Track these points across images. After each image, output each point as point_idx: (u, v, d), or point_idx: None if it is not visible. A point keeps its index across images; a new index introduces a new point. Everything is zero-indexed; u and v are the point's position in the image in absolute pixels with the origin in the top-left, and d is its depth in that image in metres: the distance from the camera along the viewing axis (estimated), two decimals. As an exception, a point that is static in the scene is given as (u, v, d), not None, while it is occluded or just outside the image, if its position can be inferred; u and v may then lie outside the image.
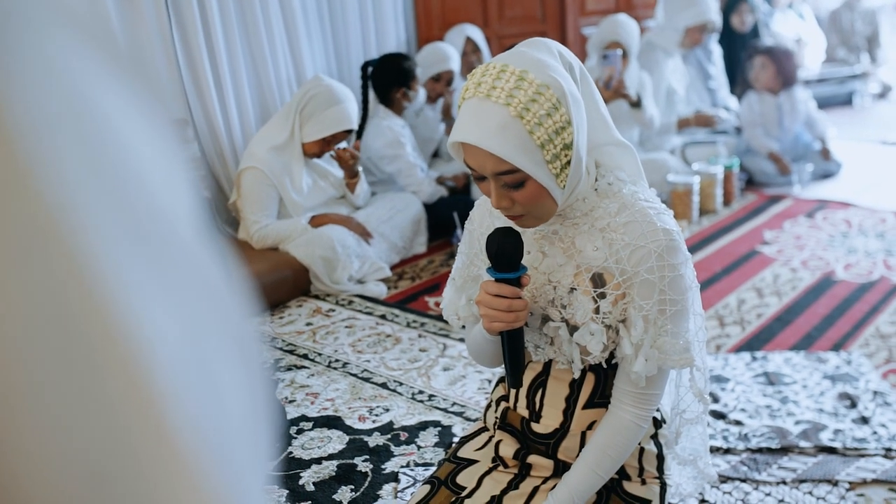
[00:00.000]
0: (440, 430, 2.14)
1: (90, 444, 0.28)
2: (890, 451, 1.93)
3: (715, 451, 1.97)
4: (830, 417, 2.09)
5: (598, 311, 1.17)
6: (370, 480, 1.93)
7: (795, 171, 4.23)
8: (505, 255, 1.13)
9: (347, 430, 2.16)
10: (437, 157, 4.18)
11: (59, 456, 0.28)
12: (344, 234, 3.15)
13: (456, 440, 1.84)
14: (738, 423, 2.08)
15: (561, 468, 1.30)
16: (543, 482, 1.31)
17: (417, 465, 1.99)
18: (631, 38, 3.87)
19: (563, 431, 1.29)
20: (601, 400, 1.28)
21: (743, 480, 1.87)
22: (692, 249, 3.37)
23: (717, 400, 2.20)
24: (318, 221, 3.21)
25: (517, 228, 1.17)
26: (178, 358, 0.30)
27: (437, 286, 3.18)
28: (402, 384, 2.40)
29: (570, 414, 1.29)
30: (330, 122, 3.15)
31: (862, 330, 2.61)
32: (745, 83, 4.51)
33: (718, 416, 2.12)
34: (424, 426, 2.16)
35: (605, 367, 1.25)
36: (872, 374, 2.30)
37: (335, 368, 2.53)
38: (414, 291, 3.17)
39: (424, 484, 1.36)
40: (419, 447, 2.06)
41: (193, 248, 0.33)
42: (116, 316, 0.28)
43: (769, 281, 3.08)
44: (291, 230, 3.16)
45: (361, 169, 3.40)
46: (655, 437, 1.35)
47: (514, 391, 1.35)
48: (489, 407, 1.43)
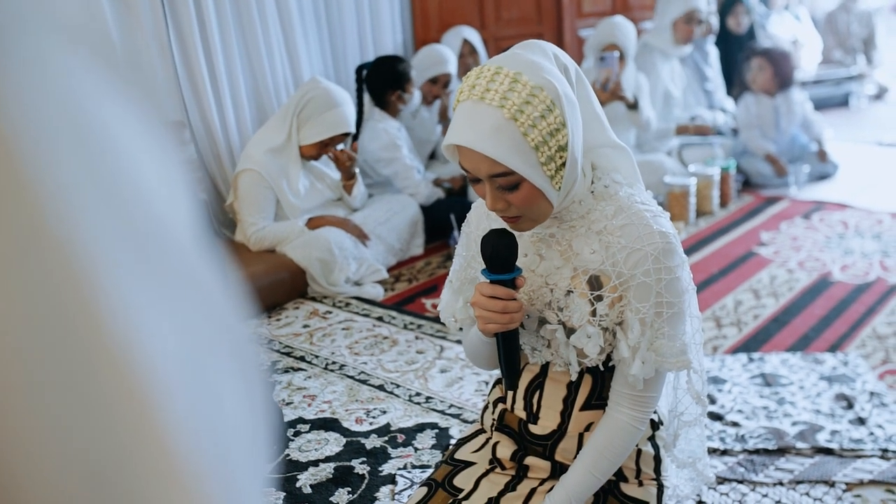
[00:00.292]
0: (437, 432, 2.13)
1: (86, 448, 0.28)
2: (887, 451, 1.94)
3: (712, 452, 1.97)
4: (827, 418, 2.09)
5: (594, 313, 1.17)
6: (367, 483, 1.93)
7: (792, 172, 4.24)
8: (499, 256, 1.14)
9: (344, 432, 2.16)
10: (433, 158, 4.18)
11: (56, 460, 0.28)
12: (341, 236, 3.15)
13: (453, 442, 1.84)
14: (735, 424, 2.09)
15: (558, 470, 1.30)
16: (541, 484, 1.31)
17: (414, 467, 1.98)
18: (628, 40, 3.87)
19: (560, 433, 1.29)
20: (598, 402, 1.28)
21: (740, 482, 1.87)
22: (689, 251, 3.38)
23: (714, 401, 2.20)
24: (315, 223, 3.21)
25: (512, 230, 1.17)
26: (174, 364, 0.30)
27: (434, 288, 3.18)
28: (399, 386, 2.40)
29: (567, 415, 1.29)
30: (327, 125, 3.15)
31: (858, 331, 2.62)
32: (741, 85, 4.52)
33: (715, 417, 2.13)
34: (422, 428, 2.16)
35: (602, 369, 1.25)
36: (869, 375, 2.30)
37: (332, 370, 2.53)
38: (411, 293, 3.17)
39: (422, 486, 1.36)
40: (416, 449, 2.06)
41: (190, 254, 0.33)
42: (112, 322, 0.28)
43: (766, 282, 3.08)
44: (288, 232, 3.16)
45: (358, 171, 3.40)
46: (653, 438, 1.35)
47: (511, 393, 1.35)
48: (486, 409, 1.43)
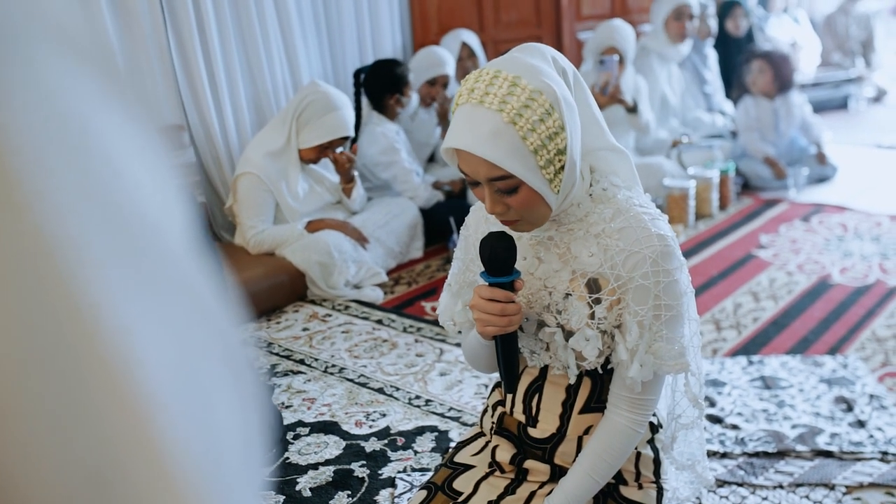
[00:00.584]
0: (437, 435, 2.13)
1: (82, 453, 0.28)
2: (886, 454, 1.93)
3: (712, 455, 1.97)
4: (827, 421, 2.09)
5: (593, 316, 1.17)
6: (367, 486, 1.93)
7: (791, 175, 4.24)
8: (498, 259, 1.14)
9: (344, 435, 2.16)
10: (432, 161, 4.18)
11: (53, 464, 0.28)
12: (340, 239, 3.15)
13: (452, 445, 1.84)
14: (734, 427, 2.08)
15: (558, 473, 1.30)
16: (540, 487, 1.31)
17: (414, 470, 1.98)
18: (627, 43, 3.88)
19: (559, 436, 1.29)
20: (598, 405, 1.28)
21: (740, 484, 1.87)
22: (688, 254, 3.38)
23: (713, 404, 2.20)
24: (314, 226, 3.21)
25: (511, 233, 1.17)
26: (166, 371, 0.30)
27: (433, 291, 3.18)
28: (398, 389, 2.40)
29: (566, 419, 1.29)
30: (327, 128, 3.15)
31: (858, 334, 2.62)
32: (740, 87, 4.52)
33: (715, 420, 2.13)
34: (421, 431, 2.16)
35: (601, 372, 1.25)
36: (868, 377, 2.30)
37: (332, 374, 2.53)
38: (410, 296, 3.17)
39: (421, 489, 1.36)
40: (416, 452, 2.06)
41: (184, 261, 0.33)
42: (104, 328, 0.28)
43: (765, 285, 3.08)
44: (288, 235, 3.16)
45: (357, 174, 3.40)
46: (652, 441, 1.35)
47: (510, 396, 1.35)
48: (486, 412, 1.43)
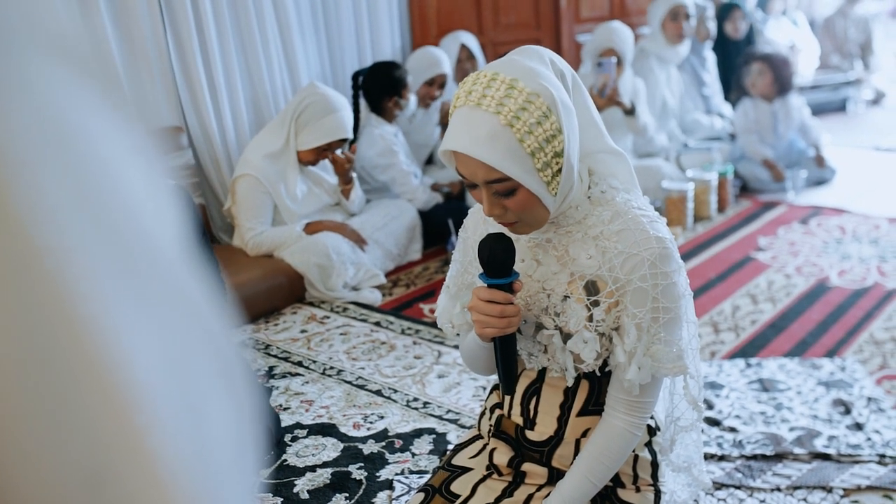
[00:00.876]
0: (435, 437, 2.13)
1: (76, 457, 0.28)
2: (884, 457, 1.93)
3: (709, 457, 1.97)
4: (825, 424, 2.09)
5: (591, 318, 1.17)
6: (365, 488, 1.93)
7: (789, 177, 4.24)
8: (496, 261, 1.14)
9: (342, 437, 2.16)
10: (431, 163, 4.18)
11: (50, 466, 0.28)
12: (339, 240, 3.15)
13: (450, 448, 1.84)
14: (732, 429, 2.08)
15: (555, 476, 1.30)
16: (538, 490, 1.31)
17: (412, 472, 1.98)
18: (625, 45, 3.88)
19: (557, 439, 1.29)
20: (595, 407, 1.28)
21: (737, 487, 1.87)
22: (686, 256, 3.38)
23: (711, 406, 2.20)
24: (312, 228, 3.21)
25: (509, 235, 1.17)
26: (158, 375, 0.30)
27: (431, 293, 3.18)
28: (396, 391, 2.40)
29: (564, 421, 1.29)
30: (325, 130, 3.15)
31: (856, 336, 2.62)
32: (739, 89, 4.53)
33: (713, 422, 2.12)
34: (419, 433, 2.15)
35: (599, 374, 1.25)
36: (866, 380, 2.30)
37: (330, 376, 2.52)
38: (409, 298, 3.17)
39: (419, 492, 1.36)
40: (414, 455, 2.06)
41: (176, 268, 0.33)
42: (97, 334, 0.28)
43: (763, 287, 3.08)
44: (286, 237, 3.16)
45: (356, 175, 3.40)
46: (650, 444, 1.35)
47: (508, 398, 1.35)
48: (483, 414, 1.43)
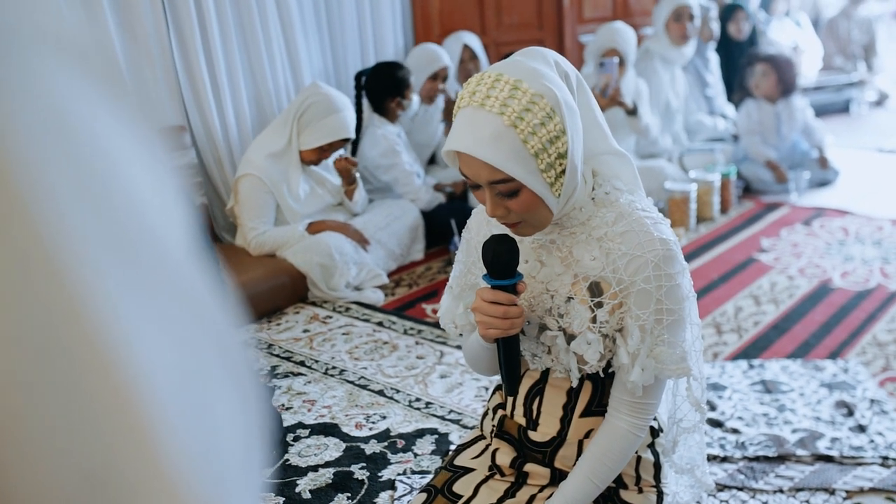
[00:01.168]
0: (437, 437, 2.13)
1: (80, 456, 0.28)
2: (887, 459, 1.93)
3: (712, 459, 1.97)
4: (827, 426, 2.09)
5: (594, 320, 1.17)
6: (367, 488, 1.93)
7: (792, 178, 4.24)
8: (500, 262, 1.14)
9: (344, 437, 2.16)
10: (433, 163, 4.19)
11: (51, 465, 0.28)
12: (341, 240, 3.15)
13: (453, 448, 1.84)
14: (735, 431, 2.08)
15: (558, 477, 1.30)
16: (540, 491, 1.31)
17: (414, 472, 1.98)
18: (628, 45, 3.88)
19: (560, 440, 1.29)
20: (598, 408, 1.28)
21: (740, 489, 1.86)
22: (689, 257, 3.38)
23: (714, 408, 2.19)
24: (315, 228, 3.21)
25: (513, 236, 1.17)
26: (165, 373, 0.30)
27: (434, 293, 3.18)
28: (398, 391, 2.40)
29: (567, 422, 1.29)
30: (328, 130, 3.16)
31: (859, 338, 2.62)
32: (742, 90, 4.52)
33: (715, 424, 2.12)
34: (421, 434, 2.15)
35: (602, 375, 1.25)
36: (869, 382, 2.30)
37: (332, 375, 2.53)
38: (411, 298, 3.17)
39: (421, 492, 1.36)
40: (416, 455, 2.06)
41: (183, 264, 0.33)
42: (103, 331, 0.28)
43: (766, 289, 3.08)
44: (289, 237, 3.16)
45: (359, 175, 3.40)
46: (652, 445, 1.35)
47: (511, 399, 1.35)
48: (486, 415, 1.43)
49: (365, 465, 2.02)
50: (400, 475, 1.97)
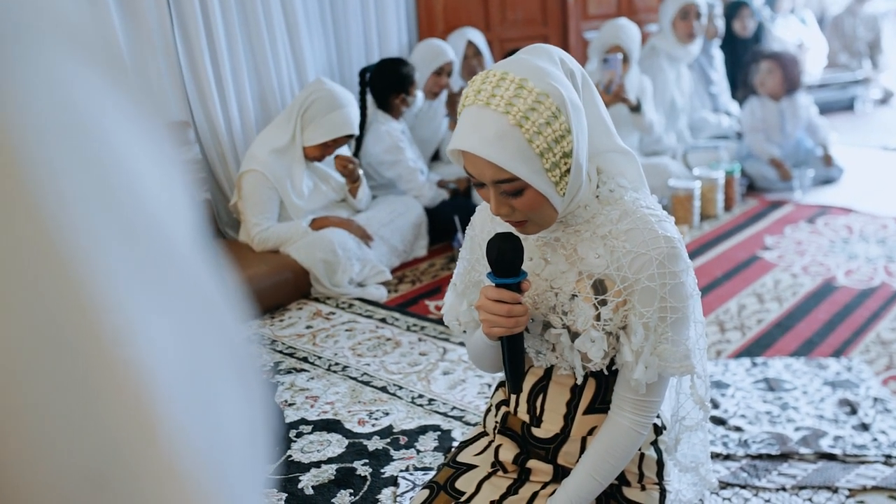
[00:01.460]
0: (440, 434, 2.13)
1: (84, 452, 0.28)
2: (890, 457, 1.93)
3: (715, 457, 1.97)
4: (830, 424, 2.09)
5: (599, 317, 1.17)
6: (369, 484, 1.93)
7: (797, 176, 4.23)
8: (505, 260, 1.14)
9: (347, 433, 2.16)
10: (437, 159, 4.18)
11: (53, 463, 0.28)
12: (345, 237, 3.16)
13: (455, 445, 1.84)
14: (738, 429, 2.08)
15: (560, 473, 1.30)
16: (543, 487, 1.31)
17: (417, 469, 1.98)
18: (632, 41, 3.87)
19: (563, 436, 1.29)
20: (602, 405, 1.28)
21: (743, 487, 1.86)
22: (693, 254, 3.37)
23: (717, 406, 2.19)
24: (318, 224, 3.21)
25: (518, 234, 1.17)
26: (173, 368, 0.30)
27: (437, 290, 3.18)
28: (401, 388, 2.40)
29: (570, 419, 1.29)
30: (331, 126, 3.16)
31: (862, 336, 2.61)
32: (747, 88, 4.51)
33: (718, 421, 2.12)
34: (424, 430, 2.16)
35: (606, 373, 1.25)
36: (873, 380, 2.30)
37: (335, 372, 2.53)
38: (414, 295, 3.17)
39: (423, 489, 1.36)
40: (418, 451, 2.06)
41: (190, 259, 0.33)
42: (111, 326, 0.28)
43: (770, 286, 3.08)
44: (292, 233, 3.17)
45: (363, 173, 3.40)
46: (655, 443, 1.35)
47: (514, 396, 1.35)
48: (489, 411, 1.43)
49: (367, 461, 2.02)
50: (402, 472, 1.97)
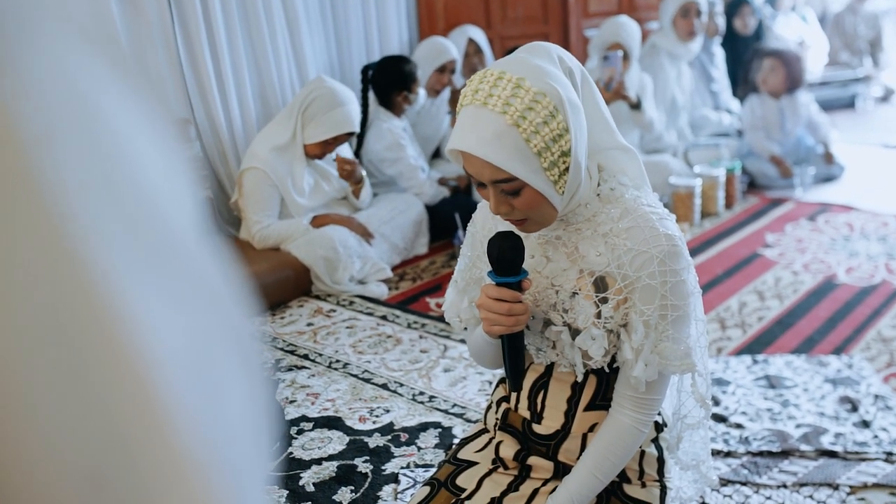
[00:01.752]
0: (440, 431, 2.14)
1: (89, 448, 0.28)
2: (891, 455, 1.93)
3: (715, 454, 1.97)
4: (831, 421, 2.09)
5: (599, 315, 1.17)
6: (370, 481, 1.94)
7: (797, 174, 4.23)
8: (505, 259, 1.14)
9: (348, 430, 2.16)
10: (437, 157, 4.18)
11: (58, 459, 0.28)
12: (345, 234, 3.16)
13: (456, 441, 1.85)
14: (738, 426, 2.08)
15: (561, 470, 1.30)
16: (543, 484, 1.31)
17: (417, 466, 1.99)
18: (632, 39, 3.87)
19: (564, 433, 1.29)
20: (603, 402, 1.28)
21: (743, 484, 1.87)
22: (693, 252, 3.37)
23: (717, 403, 2.20)
24: (319, 222, 3.21)
25: (518, 232, 1.17)
26: (179, 361, 0.30)
27: (438, 287, 3.18)
28: (402, 385, 2.40)
29: (571, 416, 1.29)
30: (332, 124, 3.15)
31: (863, 333, 2.61)
32: (747, 85, 4.51)
33: (719, 419, 2.12)
34: (425, 427, 2.16)
35: (607, 370, 1.25)
36: (874, 377, 2.30)
37: (336, 369, 2.53)
38: (415, 292, 3.17)
39: (424, 485, 1.36)
40: (419, 448, 2.06)
41: (196, 252, 0.33)
42: (118, 321, 0.28)
43: (770, 284, 3.08)
44: (293, 230, 3.17)
45: (365, 173, 3.40)
46: (656, 440, 1.35)
47: (515, 392, 1.35)
48: (489, 408, 1.43)
49: (368, 458, 2.03)
50: (403, 469, 1.98)
